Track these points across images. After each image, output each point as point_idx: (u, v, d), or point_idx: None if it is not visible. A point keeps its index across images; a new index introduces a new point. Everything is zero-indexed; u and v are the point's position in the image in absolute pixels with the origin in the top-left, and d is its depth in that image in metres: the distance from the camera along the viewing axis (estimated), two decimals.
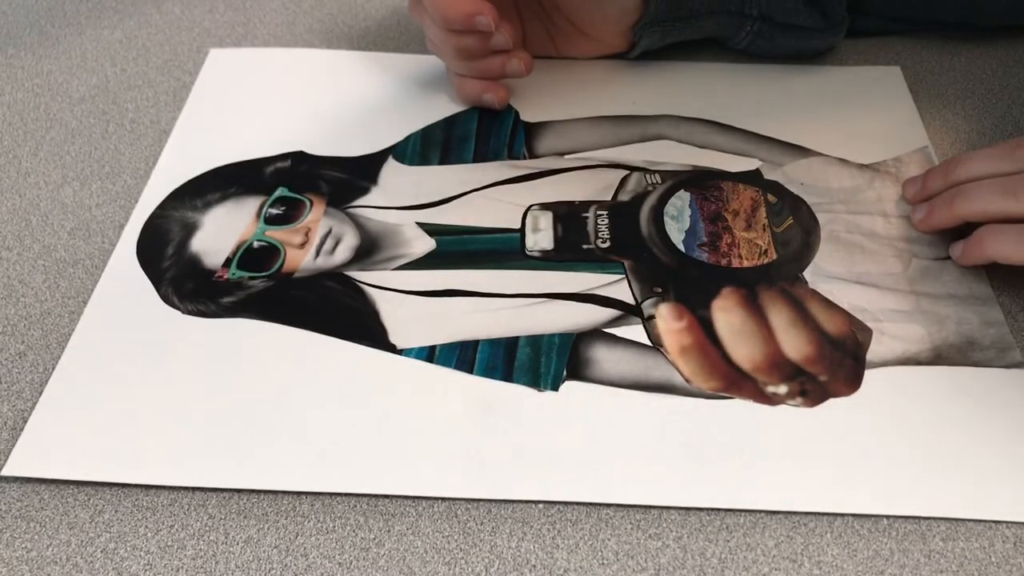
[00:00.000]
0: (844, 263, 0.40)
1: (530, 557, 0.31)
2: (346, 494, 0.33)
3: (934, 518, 0.32)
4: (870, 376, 0.36)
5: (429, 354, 0.37)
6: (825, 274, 0.40)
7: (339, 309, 0.39)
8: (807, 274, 0.40)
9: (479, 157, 0.46)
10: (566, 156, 0.46)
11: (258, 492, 0.33)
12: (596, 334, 0.38)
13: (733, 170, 0.45)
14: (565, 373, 0.36)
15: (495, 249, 0.41)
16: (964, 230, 0.40)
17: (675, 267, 0.40)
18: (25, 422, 0.35)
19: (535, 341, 0.37)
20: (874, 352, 0.37)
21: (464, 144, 0.46)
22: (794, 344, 0.37)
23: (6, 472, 0.33)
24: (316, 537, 0.32)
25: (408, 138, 0.47)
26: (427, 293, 0.39)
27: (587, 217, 0.42)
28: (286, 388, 0.36)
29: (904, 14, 0.52)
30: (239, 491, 0.33)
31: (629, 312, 0.38)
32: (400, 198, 0.44)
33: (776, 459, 0.33)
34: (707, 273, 0.40)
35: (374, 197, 0.44)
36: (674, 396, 0.35)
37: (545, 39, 0.50)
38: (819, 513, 0.32)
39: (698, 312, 0.38)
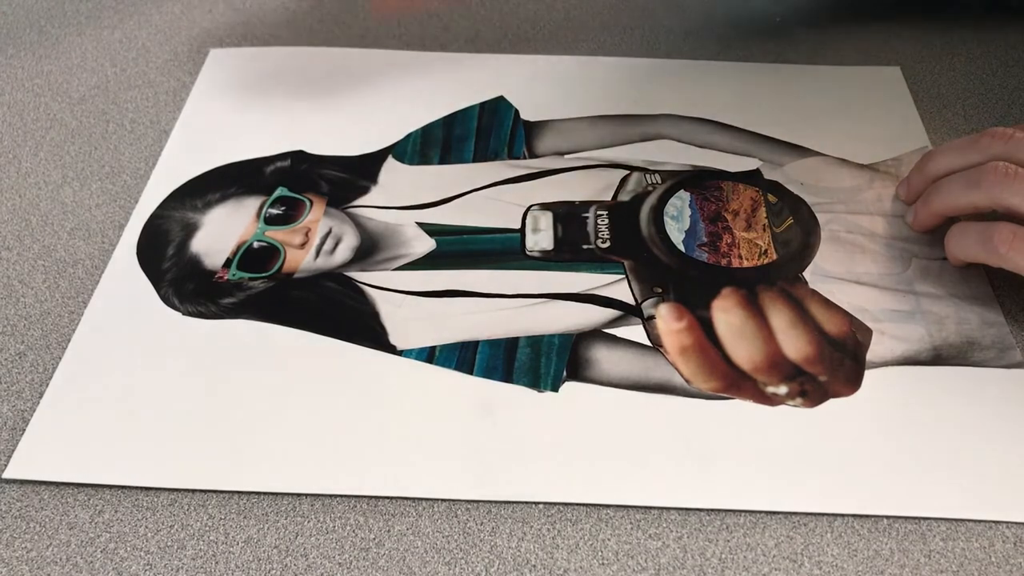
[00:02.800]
0: (844, 263, 0.40)
1: (530, 557, 0.31)
2: (346, 495, 0.33)
3: (934, 518, 0.32)
4: (870, 376, 0.36)
5: (429, 355, 0.37)
6: (825, 274, 0.40)
7: (339, 310, 0.39)
8: (807, 274, 0.40)
9: (479, 156, 0.46)
10: (566, 156, 0.46)
11: (258, 492, 0.33)
12: (596, 334, 0.38)
13: (733, 170, 0.45)
14: (565, 374, 0.36)
15: (495, 249, 0.41)
16: None
17: (675, 267, 0.40)
18: (25, 423, 0.35)
19: (535, 341, 0.37)
20: (874, 352, 0.37)
21: (464, 143, 0.46)
22: (794, 344, 0.37)
23: (7, 475, 0.33)
24: (316, 537, 0.32)
25: (408, 137, 0.47)
26: (427, 293, 0.39)
27: (587, 217, 0.42)
28: (286, 389, 0.36)
29: None
30: (239, 491, 0.33)
31: (629, 312, 0.38)
32: (400, 198, 0.44)
33: (776, 459, 0.33)
34: (707, 273, 0.40)
35: (374, 197, 0.44)
36: (674, 397, 0.35)
37: None
38: (819, 513, 0.32)
39: (698, 312, 0.38)
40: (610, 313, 0.38)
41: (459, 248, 0.41)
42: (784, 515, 0.32)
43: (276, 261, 0.40)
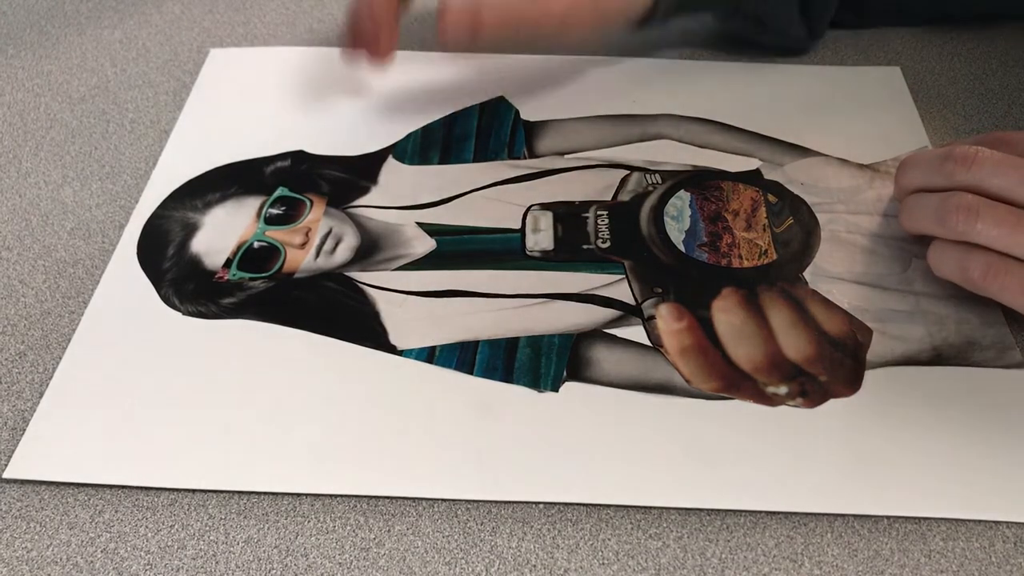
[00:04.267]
0: (844, 263, 0.40)
1: (530, 557, 0.31)
2: (346, 495, 0.33)
3: (934, 518, 0.32)
4: (870, 376, 0.36)
5: (429, 355, 0.37)
6: (825, 274, 0.40)
7: (339, 310, 0.39)
8: (807, 274, 0.40)
9: (479, 156, 0.46)
10: (566, 156, 0.46)
11: (258, 492, 0.33)
12: (596, 334, 0.38)
13: (733, 170, 0.45)
14: (565, 374, 0.36)
15: (495, 249, 0.41)
16: None
17: (675, 267, 0.40)
18: (25, 423, 0.35)
19: (535, 342, 0.37)
20: (874, 352, 0.37)
21: (464, 143, 0.46)
22: (794, 344, 0.37)
23: (8, 475, 0.33)
24: (316, 537, 0.32)
25: (408, 137, 0.47)
26: (427, 293, 0.39)
27: (587, 217, 0.42)
28: (286, 389, 0.36)
29: (900, 8, 0.53)
30: (239, 491, 0.33)
31: (629, 312, 0.38)
32: (400, 198, 0.44)
33: (776, 460, 0.33)
34: (707, 273, 0.40)
35: (374, 197, 0.44)
36: (674, 397, 0.35)
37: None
38: (819, 513, 0.32)
39: (698, 312, 0.38)
40: (610, 313, 0.38)
41: (459, 248, 0.41)
42: (784, 515, 0.32)
43: (276, 261, 0.40)
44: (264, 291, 0.39)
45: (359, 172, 0.45)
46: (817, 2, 0.49)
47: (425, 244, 0.41)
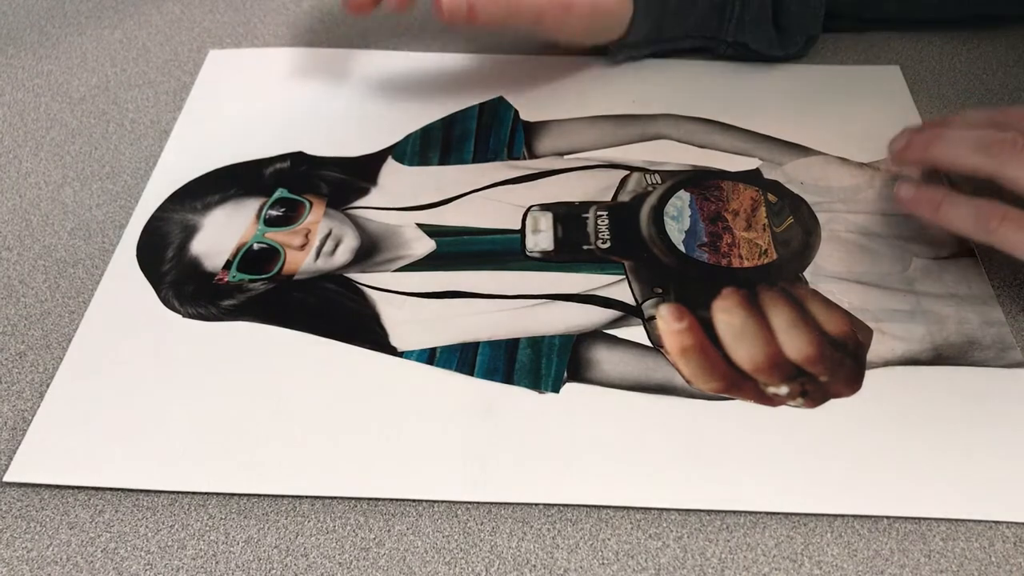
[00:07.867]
0: (844, 263, 0.40)
1: (530, 557, 0.31)
2: (348, 497, 0.33)
3: (934, 518, 0.32)
4: (871, 376, 0.36)
5: (430, 356, 0.37)
6: (825, 274, 0.40)
7: (339, 311, 0.39)
8: (807, 274, 0.40)
9: (479, 157, 0.46)
10: (566, 156, 0.46)
11: (259, 493, 0.33)
12: (597, 335, 0.38)
13: (733, 170, 0.45)
14: (566, 375, 0.36)
15: (495, 250, 0.41)
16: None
17: (675, 267, 0.40)
18: (26, 423, 0.35)
19: (536, 342, 0.37)
20: (874, 352, 0.37)
21: (463, 144, 0.46)
22: (795, 345, 0.37)
23: (8, 478, 0.33)
24: (316, 537, 0.32)
25: (407, 138, 0.47)
26: (427, 295, 0.39)
27: (587, 218, 0.42)
28: (287, 391, 0.36)
29: (877, 15, 0.53)
30: (240, 493, 0.33)
31: (630, 313, 0.38)
32: (400, 199, 0.44)
33: (776, 460, 0.33)
34: (707, 273, 0.40)
35: (374, 198, 0.44)
36: (675, 397, 0.35)
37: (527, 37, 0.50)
38: (819, 513, 0.32)
39: (699, 313, 0.38)
40: (610, 314, 0.38)
41: (459, 249, 0.41)
42: (784, 515, 0.32)
43: (276, 263, 0.40)
44: (264, 293, 0.39)
45: (358, 173, 0.45)
46: (792, 23, 0.49)
47: (425, 245, 0.41)
